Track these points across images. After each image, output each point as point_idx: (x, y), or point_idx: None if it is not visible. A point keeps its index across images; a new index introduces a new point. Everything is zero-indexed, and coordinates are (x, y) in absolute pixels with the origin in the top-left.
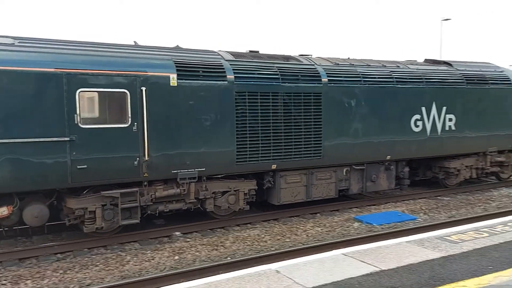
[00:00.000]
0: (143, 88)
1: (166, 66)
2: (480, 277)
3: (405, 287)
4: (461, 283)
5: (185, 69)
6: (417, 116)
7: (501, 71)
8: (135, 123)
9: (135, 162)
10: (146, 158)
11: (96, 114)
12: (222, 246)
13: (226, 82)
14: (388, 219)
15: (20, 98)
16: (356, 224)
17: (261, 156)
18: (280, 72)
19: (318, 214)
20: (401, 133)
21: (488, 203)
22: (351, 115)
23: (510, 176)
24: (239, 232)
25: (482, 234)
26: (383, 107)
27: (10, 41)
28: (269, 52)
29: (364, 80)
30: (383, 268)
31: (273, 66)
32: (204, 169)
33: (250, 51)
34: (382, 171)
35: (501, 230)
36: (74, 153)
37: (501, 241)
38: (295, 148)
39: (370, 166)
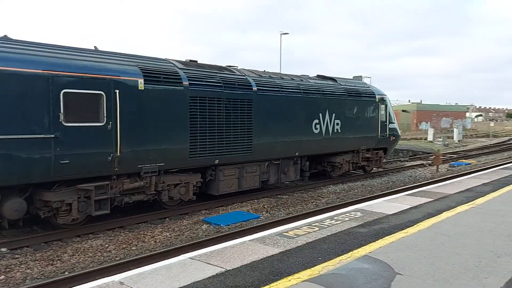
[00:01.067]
0: (117, 91)
1: (135, 72)
2: (311, 268)
3: (248, 285)
4: (296, 275)
5: (150, 75)
6: (316, 121)
7: (368, 87)
8: (110, 122)
9: (109, 158)
10: (118, 154)
11: (76, 113)
12: (59, 260)
13: (182, 88)
14: (235, 219)
15: (10, 97)
16: (204, 226)
17: (208, 152)
18: (222, 80)
19: (166, 219)
20: (306, 134)
21: (319, 199)
22: (273, 118)
23: (372, 168)
24: (80, 243)
25: (314, 228)
26: (294, 112)
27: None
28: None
29: (281, 90)
30: (228, 268)
31: (217, 75)
32: (163, 163)
33: (191, 61)
34: (292, 165)
35: (329, 223)
36: (58, 149)
37: (329, 234)
38: (233, 146)
39: (284, 161)
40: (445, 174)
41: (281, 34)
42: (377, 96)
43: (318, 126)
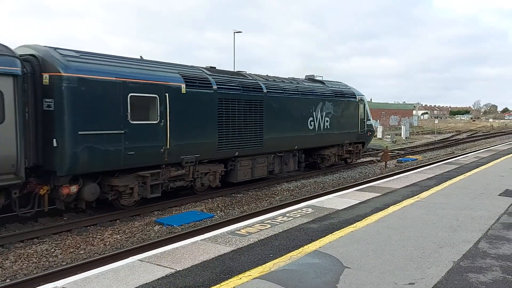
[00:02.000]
0: (167, 94)
1: (178, 78)
2: (262, 265)
3: (198, 285)
4: (247, 272)
5: (189, 81)
6: (311, 118)
7: (349, 88)
8: (162, 120)
9: (161, 150)
10: (168, 146)
11: (138, 112)
12: (0, 267)
13: (212, 91)
14: (188, 219)
15: (93, 100)
16: (157, 228)
17: (231, 146)
18: (241, 84)
19: (117, 221)
20: (303, 130)
21: (273, 197)
22: (278, 116)
23: (353, 160)
24: (23, 249)
25: (266, 226)
26: (294, 111)
27: (74, 53)
28: None
29: (284, 92)
30: (179, 269)
31: (236, 80)
32: (199, 155)
33: (211, 67)
34: (291, 157)
35: (281, 220)
36: (126, 142)
37: (280, 231)
38: (248, 140)
39: (286, 154)
40: (393, 169)
41: (235, 32)
42: (357, 97)
43: (312, 123)
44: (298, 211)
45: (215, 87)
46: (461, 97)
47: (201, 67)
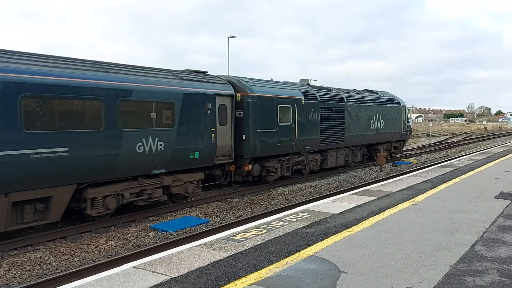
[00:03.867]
0: (295, 105)
1: (299, 94)
2: (258, 271)
3: None
4: (243, 279)
5: (305, 95)
6: (372, 121)
7: (394, 96)
8: (293, 123)
9: (292, 142)
10: (295, 140)
11: (282, 117)
12: None
13: (317, 102)
14: (183, 224)
15: (262, 109)
16: (152, 233)
17: (326, 141)
18: (332, 96)
19: (112, 227)
20: (367, 130)
21: (269, 201)
22: (353, 119)
23: (397, 153)
24: (17, 256)
25: (262, 230)
26: (362, 116)
27: (250, 80)
28: None
29: (356, 101)
30: (174, 276)
31: (328, 93)
32: (310, 147)
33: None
34: (359, 150)
35: (277, 225)
36: (276, 137)
37: (276, 236)
38: (336, 137)
39: (356, 148)
40: (389, 173)
41: (229, 37)
42: (400, 103)
43: (373, 124)
44: (294, 215)
45: (318, 99)
46: (455, 100)
47: (303, 84)
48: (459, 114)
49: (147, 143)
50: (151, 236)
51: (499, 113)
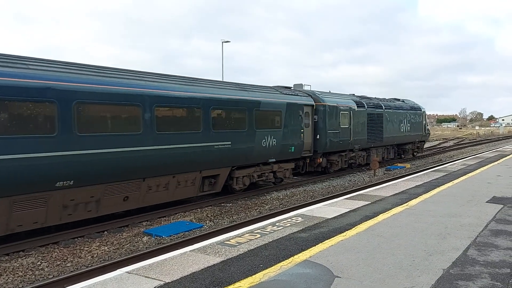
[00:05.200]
0: (351, 111)
1: (352, 103)
2: (252, 276)
3: None
4: (237, 284)
5: (356, 103)
6: (402, 124)
7: (416, 104)
8: (349, 125)
9: (349, 141)
10: (351, 139)
11: (342, 121)
12: None
13: (364, 109)
14: (177, 229)
15: (330, 115)
16: (145, 238)
17: (371, 140)
18: (372, 104)
19: (105, 232)
20: (398, 132)
21: (263, 206)
22: (388, 123)
23: (418, 152)
24: (8, 262)
25: (256, 235)
26: (395, 120)
27: (320, 92)
28: None
29: (389, 107)
30: (167, 281)
31: (371, 102)
32: (360, 145)
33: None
34: (391, 149)
35: (271, 230)
36: (339, 137)
37: (270, 240)
38: (376, 138)
39: (389, 147)
40: (382, 177)
41: (223, 42)
42: (422, 109)
43: (402, 127)
44: (288, 220)
45: (366, 106)
46: (447, 105)
47: (351, 94)
48: (451, 119)
49: (267, 139)
50: (145, 241)
51: (491, 118)
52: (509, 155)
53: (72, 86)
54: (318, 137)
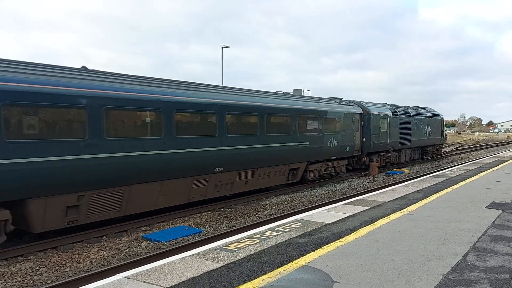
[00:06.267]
0: (388, 119)
1: (387, 111)
2: (251, 281)
3: None
4: None
5: (392, 111)
6: (425, 129)
7: (436, 112)
8: (387, 130)
9: (387, 143)
10: (388, 142)
11: (381, 126)
12: None
13: (397, 116)
14: (176, 234)
15: (373, 121)
16: (144, 243)
17: (401, 143)
18: (401, 112)
19: (104, 237)
20: (423, 136)
21: (262, 211)
22: (415, 128)
23: (437, 154)
24: (7, 267)
25: (255, 240)
26: (420, 125)
27: (365, 102)
28: None
29: (416, 115)
30: (166, 286)
31: (401, 110)
32: (393, 147)
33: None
34: (417, 150)
35: (270, 235)
36: (380, 140)
37: (270, 245)
38: (406, 140)
39: (415, 149)
40: (381, 183)
41: (223, 47)
42: (440, 116)
43: (425, 132)
44: (287, 225)
45: (398, 114)
46: (447, 110)
47: (386, 103)
48: (451, 125)
49: (331, 141)
50: (144, 246)
51: (490, 123)
52: (508, 160)
53: (223, 102)
54: (364, 139)
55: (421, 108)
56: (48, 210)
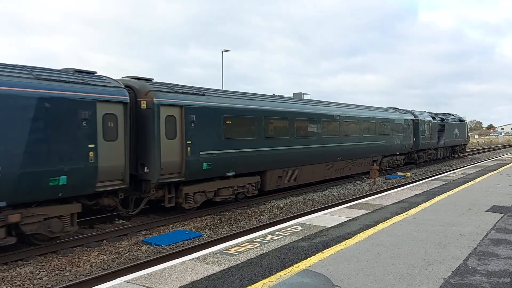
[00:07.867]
0: (430, 123)
1: (429, 116)
2: (252, 286)
3: None
4: None
5: (432, 118)
6: (454, 132)
7: (461, 117)
8: (430, 132)
9: (429, 143)
10: (430, 142)
11: (425, 129)
12: None
13: (435, 121)
14: (176, 238)
15: (421, 126)
16: (144, 247)
17: (436, 143)
18: (436, 117)
19: (104, 241)
20: (451, 137)
21: (262, 214)
22: (447, 131)
23: (462, 153)
24: (7, 271)
25: (255, 244)
26: (450, 129)
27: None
28: None
29: (448, 121)
30: None
31: (438, 117)
32: (433, 146)
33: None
34: (447, 149)
35: (270, 239)
36: (425, 140)
37: (270, 249)
38: (441, 141)
39: (444, 148)
40: (382, 186)
41: (223, 51)
42: (465, 121)
43: (454, 134)
44: (288, 229)
45: (436, 120)
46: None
47: (425, 111)
48: None
49: (397, 140)
50: (144, 250)
51: (490, 127)
52: (508, 164)
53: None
54: (414, 139)
55: (450, 114)
56: (272, 177)
